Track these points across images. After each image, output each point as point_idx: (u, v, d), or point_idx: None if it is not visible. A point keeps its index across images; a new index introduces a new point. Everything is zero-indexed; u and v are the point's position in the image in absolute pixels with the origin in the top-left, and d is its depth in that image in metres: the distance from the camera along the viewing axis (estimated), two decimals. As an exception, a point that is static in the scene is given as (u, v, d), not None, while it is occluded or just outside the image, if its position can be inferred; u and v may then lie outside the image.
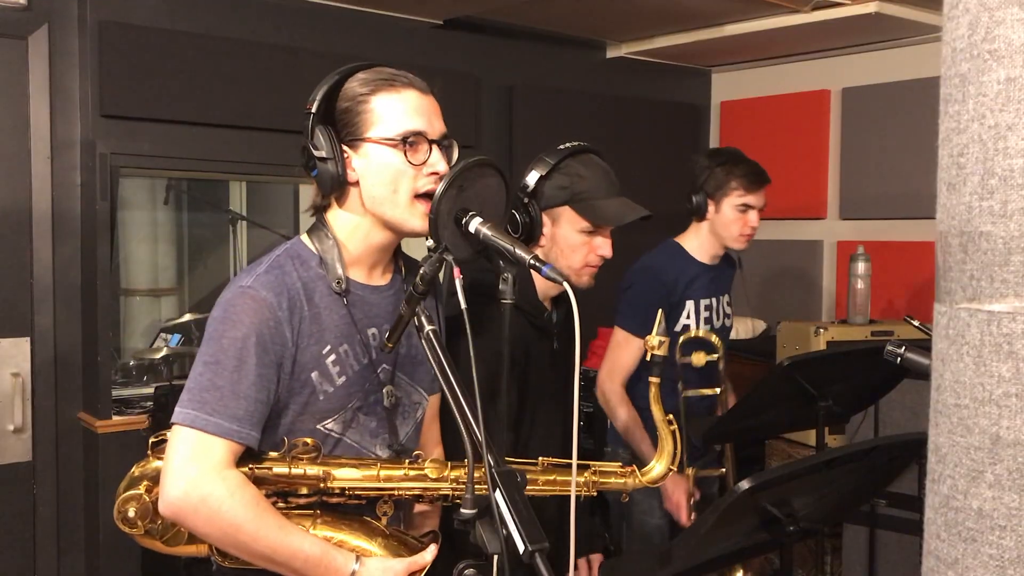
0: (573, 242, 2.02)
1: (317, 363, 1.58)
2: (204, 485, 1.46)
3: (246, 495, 1.48)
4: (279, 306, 1.53)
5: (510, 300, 1.50)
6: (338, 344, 1.60)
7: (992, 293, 0.74)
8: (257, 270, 1.58)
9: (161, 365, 3.70)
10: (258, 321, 1.51)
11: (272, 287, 1.54)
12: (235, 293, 1.55)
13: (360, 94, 1.58)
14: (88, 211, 3.17)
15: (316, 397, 1.58)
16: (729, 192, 2.80)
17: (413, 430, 1.76)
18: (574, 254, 2.02)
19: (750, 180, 2.80)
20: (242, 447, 1.51)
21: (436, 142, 1.60)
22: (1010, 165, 0.73)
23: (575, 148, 2.04)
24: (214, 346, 1.52)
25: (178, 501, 1.47)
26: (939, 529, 0.78)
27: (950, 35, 0.79)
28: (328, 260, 1.61)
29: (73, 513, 3.24)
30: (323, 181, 1.59)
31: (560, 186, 2.00)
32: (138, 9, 3.24)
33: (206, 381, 1.50)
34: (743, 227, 2.82)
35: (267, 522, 1.48)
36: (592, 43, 4.49)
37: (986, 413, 0.74)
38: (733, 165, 2.81)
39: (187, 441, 1.49)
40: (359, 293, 1.65)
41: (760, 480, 1.60)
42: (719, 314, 2.96)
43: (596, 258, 2.03)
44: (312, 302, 1.58)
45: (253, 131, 3.43)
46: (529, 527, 1.22)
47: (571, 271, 2.02)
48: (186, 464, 1.48)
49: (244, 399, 1.50)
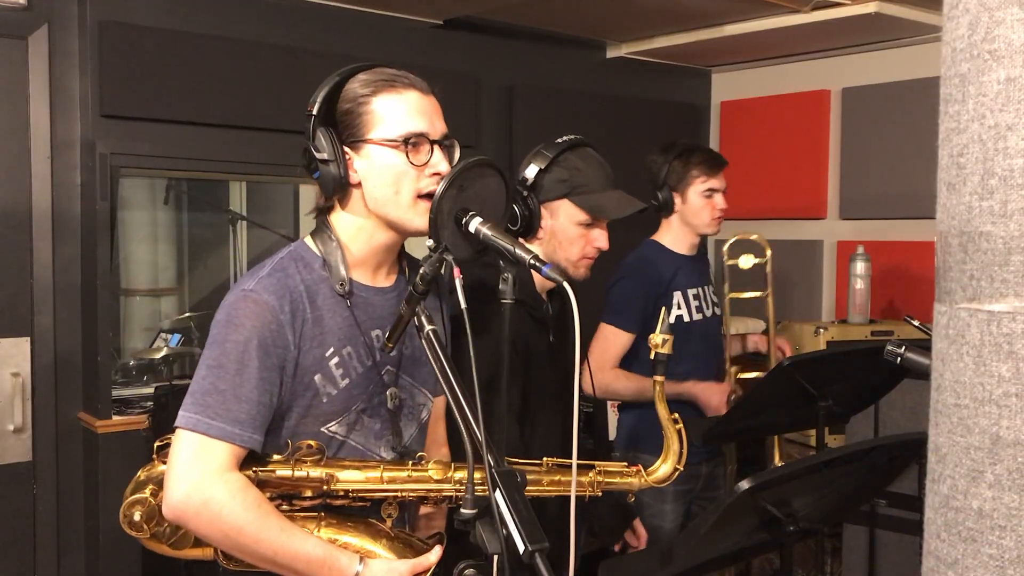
0: (571, 235, 2.03)
1: (320, 366, 1.58)
2: (206, 488, 1.47)
3: (248, 497, 1.48)
4: (281, 309, 1.53)
5: (510, 300, 1.50)
6: (341, 346, 1.60)
7: (992, 293, 0.74)
8: (260, 273, 1.58)
9: (161, 365, 3.71)
10: (260, 325, 1.52)
11: (274, 290, 1.54)
12: (237, 297, 1.55)
13: (361, 95, 1.58)
14: (88, 211, 3.17)
15: (319, 400, 1.58)
16: (692, 181, 2.86)
17: (418, 431, 1.76)
18: (572, 246, 2.03)
19: (709, 165, 2.88)
20: (245, 450, 1.52)
21: (438, 142, 1.60)
22: (1010, 165, 0.73)
23: (572, 141, 2.06)
24: (217, 350, 1.52)
25: (181, 504, 1.48)
26: (939, 529, 0.78)
27: (950, 35, 0.79)
28: (331, 262, 1.61)
29: (73, 513, 3.24)
30: (325, 183, 1.59)
31: (559, 179, 2.01)
32: (138, 9, 3.24)
33: (208, 385, 1.51)
34: (712, 211, 2.89)
35: (269, 524, 1.48)
36: (592, 43, 4.49)
37: (986, 413, 0.74)
38: (690, 154, 2.88)
39: (190, 445, 1.50)
40: (363, 295, 1.64)
41: (760, 480, 1.60)
42: (708, 303, 2.99)
43: (593, 250, 2.04)
44: (315, 304, 1.58)
45: (253, 131, 3.43)
46: (529, 527, 1.22)
47: (569, 263, 2.03)
48: (188, 467, 1.48)
49: (246, 402, 1.50)
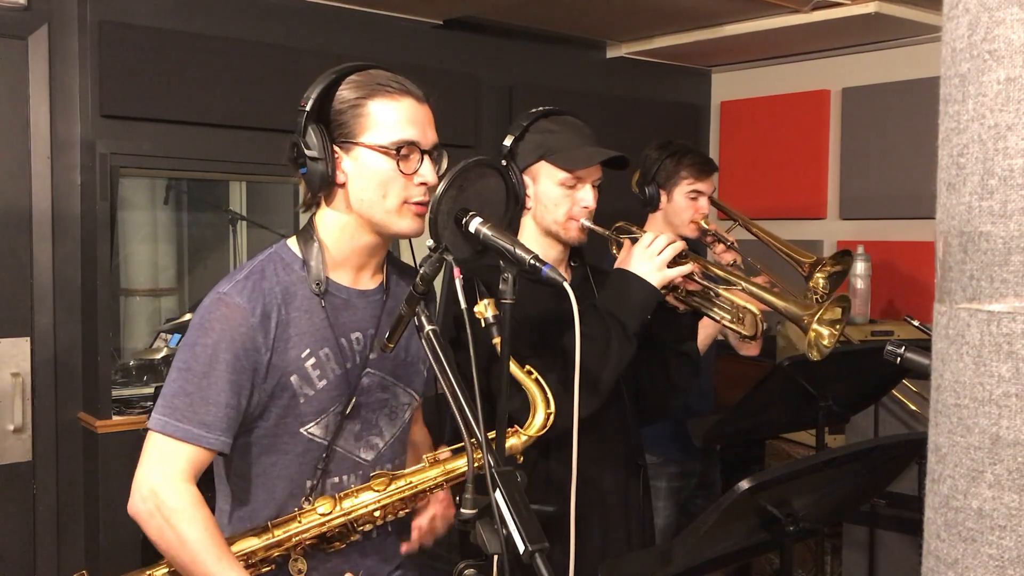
0: (554, 196, 2.02)
1: (296, 366, 1.58)
2: (162, 493, 1.50)
3: (197, 515, 1.50)
4: (252, 312, 1.54)
5: (510, 300, 1.50)
6: (318, 348, 1.60)
7: (992, 293, 0.74)
8: (236, 276, 1.59)
9: (161, 365, 3.70)
10: (229, 328, 1.53)
11: (247, 293, 1.55)
12: (211, 300, 1.57)
13: (357, 97, 1.58)
14: (88, 211, 3.17)
15: (296, 400, 1.59)
16: (680, 181, 2.90)
17: (401, 431, 1.76)
18: (557, 208, 2.02)
19: (699, 168, 2.91)
20: (212, 452, 1.54)
21: (427, 152, 1.60)
22: (1010, 165, 0.73)
23: (547, 111, 2.06)
24: (187, 353, 1.55)
25: (139, 504, 1.52)
26: (939, 529, 0.78)
27: (950, 35, 0.79)
28: (310, 263, 1.61)
29: (73, 513, 3.24)
30: (311, 180, 1.59)
31: (534, 144, 2.02)
32: (138, 9, 3.24)
33: (177, 387, 1.53)
34: (694, 213, 2.92)
35: (207, 549, 1.49)
36: (592, 43, 4.49)
37: (986, 413, 0.74)
38: (682, 155, 2.91)
39: (156, 446, 1.53)
40: (343, 297, 1.65)
41: (760, 480, 1.60)
42: None
43: (581, 210, 2.03)
44: (292, 306, 1.59)
45: (253, 131, 3.43)
46: (529, 527, 1.22)
47: (558, 225, 2.02)
48: (152, 469, 1.52)
49: (214, 405, 1.52)
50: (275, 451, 1.61)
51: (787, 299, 1.97)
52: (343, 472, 1.66)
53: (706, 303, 2.03)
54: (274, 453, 1.61)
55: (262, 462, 1.61)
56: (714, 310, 2.02)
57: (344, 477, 1.66)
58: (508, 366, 1.60)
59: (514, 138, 2.01)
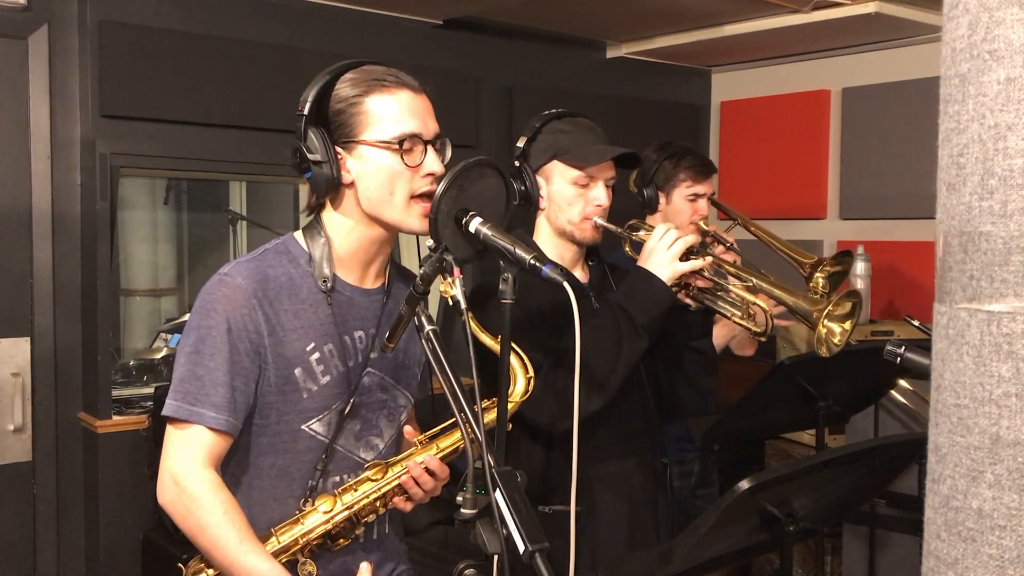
0: (568, 195, 2.02)
1: (301, 359, 1.58)
2: (182, 481, 1.51)
3: (216, 499, 1.51)
4: (252, 293, 1.54)
5: (510, 300, 1.50)
6: (323, 343, 1.61)
7: (992, 293, 0.74)
8: (241, 260, 1.61)
9: (161, 365, 3.70)
10: (230, 308, 1.53)
11: (248, 274, 1.56)
12: (213, 282, 1.58)
13: (353, 95, 1.57)
14: (88, 211, 3.16)
15: (300, 395, 1.59)
16: (678, 183, 2.89)
17: (397, 432, 1.76)
18: (571, 208, 2.03)
19: (698, 171, 2.90)
20: (226, 435, 1.54)
21: (430, 142, 1.60)
22: (1010, 165, 0.73)
23: (560, 112, 2.07)
24: (193, 336, 1.55)
25: (163, 493, 1.54)
26: (939, 529, 0.78)
27: (950, 35, 0.79)
28: (316, 258, 1.61)
29: (73, 513, 3.23)
30: (317, 184, 1.59)
31: (546, 144, 2.03)
32: (138, 9, 3.24)
33: (186, 371, 1.54)
34: (692, 215, 2.91)
35: (228, 533, 1.49)
36: (592, 43, 4.49)
37: (986, 413, 0.74)
38: (680, 157, 2.90)
39: (173, 434, 1.55)
40: (347, 295, 1.65)
41: (760, 480, 1.60)
42: None
43: (594, 209, 2.04)
44: (298, 298, 1.59)
45: (253, 131, 3.43)
46: (529, 527, 1.22)
47: (573, 225, 2.03)
48: (171, 459, 1.54)
49: (221, 386, 1.52)
50: (276, 450, 1.61)
51: (797, 295, 1.97)
52: (343, 472, 1.66)
53: (716, 300, 2.03)
54: (275, 453, 1.61)
55: (263, 462, 1.61)
56: (724, 306, 2.02)
57: (344, 477, 1.66)
58: (508, 366, 1.60)
59: (527, 139, 2.03)
